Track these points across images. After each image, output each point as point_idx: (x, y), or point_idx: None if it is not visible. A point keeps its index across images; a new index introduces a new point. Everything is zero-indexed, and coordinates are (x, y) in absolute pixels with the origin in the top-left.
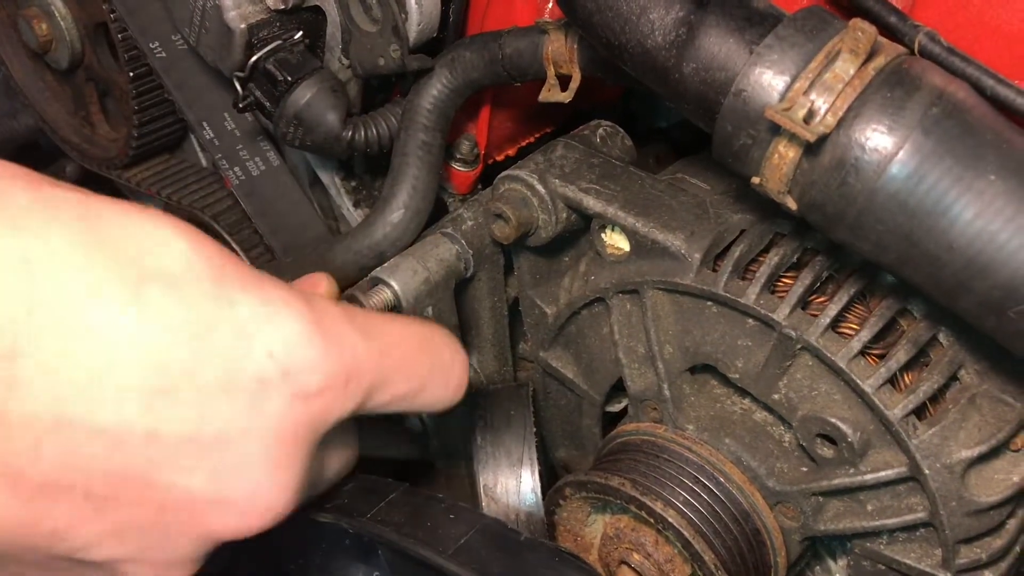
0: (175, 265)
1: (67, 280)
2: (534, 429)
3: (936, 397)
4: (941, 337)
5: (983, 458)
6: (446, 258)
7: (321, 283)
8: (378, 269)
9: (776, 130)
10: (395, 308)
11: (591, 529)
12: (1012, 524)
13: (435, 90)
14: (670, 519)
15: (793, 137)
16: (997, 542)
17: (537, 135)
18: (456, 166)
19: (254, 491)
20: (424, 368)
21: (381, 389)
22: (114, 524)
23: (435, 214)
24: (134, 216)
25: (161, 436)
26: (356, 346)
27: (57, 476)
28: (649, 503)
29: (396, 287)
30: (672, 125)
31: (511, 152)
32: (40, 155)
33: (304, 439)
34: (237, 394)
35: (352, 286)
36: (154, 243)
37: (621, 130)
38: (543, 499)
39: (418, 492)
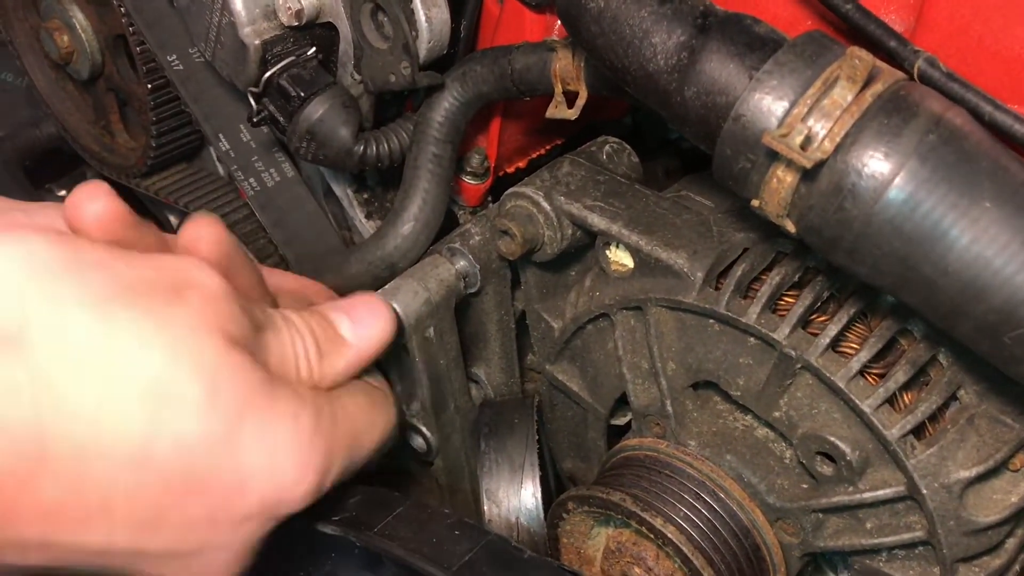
0: (191, 399)
1: (78, 419)
2: (537, 438)
3: (935, 417)
4: (941, 357)
5: (981, 478)
6: (446, 278)
7: (381, 321)
8: (379, 291)
9: (774, 155)
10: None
11: (594, 542)
12: (1011, 543)
13: (446, 104)
14: (670, 535)
15: (791, 163)
16: (996, 561)
17: (547, 147)
18: (466, 179)
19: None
20: (373, 454)
21: (341, 476)
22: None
23: (446, 226)
24: (157, 340)
25: (143, 552)
26: (340, 469)
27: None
28: (649, 519)
29: (397, 308)
30: (681, 136)
31: (521, 164)
32: (62, 162)
33: (264, 536)
34: (222, 527)
35: None
36: (172, 381)
37: (627, 147)
38: (548, 509)
39: (425, 506)
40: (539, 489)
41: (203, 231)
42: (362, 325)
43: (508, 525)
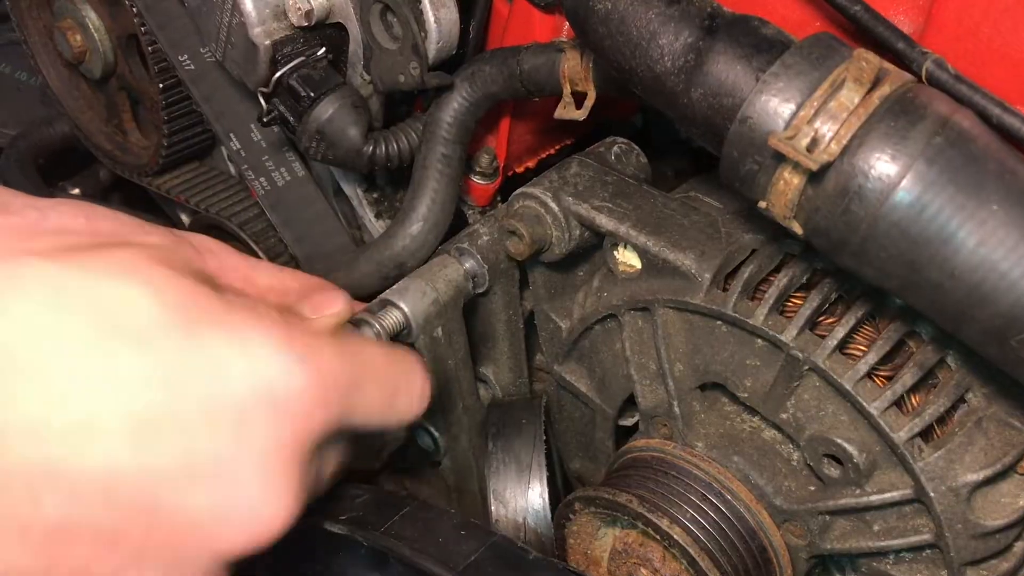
0: (143, 318)
1: (41, 344)
2: (544, 438)
3: (943, 420)
4: (949, 360)
5: (989, 481)
6: (454, 279)
7: (335, 304)
8: (388, 291)
9: (781, 157)
10: (404, 329)
11: (601, 543)
12: (1019, 547)
13: (455, 104)
14: (676, 536)
15: (797, 165)
16: (1004, 565)
17: (557, 147)
18: (476, 179)
19: (254, 508)
20: (392, 379)
21: (358, 397)
22: (130, 555)
23: (455, 226)
24: (101, 277)
25: (154, 470)
26: (331, 360)
27: (62, 521)
28: (655, 520)
29: (405, 309)
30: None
31: (531, 164)
32: (76, 160)
33: (295, 453)
34: (220, 424)
35: (378, 294)
36: (122, 301)
37: (636, 147)
38: (555, 509)
39: (431, 507)
40: (546, 490)
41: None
42: (321, 307)
43: (515, 526)
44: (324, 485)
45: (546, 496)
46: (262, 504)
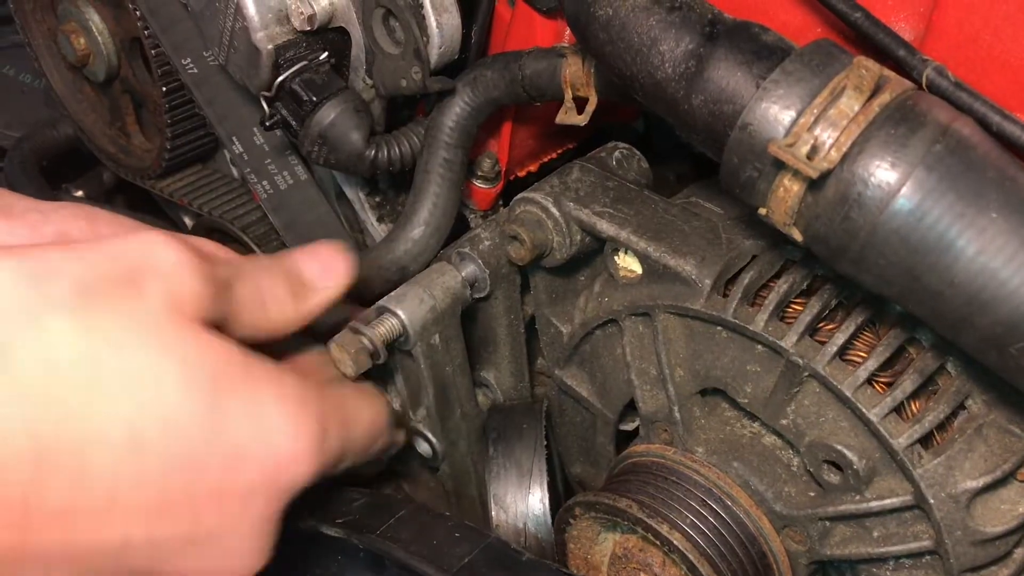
0: (169, 384)
1: (72, 426)
2: (545, 443)
3: (943, 426)
4: (949, 366)
5: (989, 488)
6: (452, 286)
7: (343, 270)
8: (385, 299)
9: (781, 164)
10: (402, 336)
11: (601, 547)
12: (1019, 553)
13: (457, 108)
14: (676, 542)
15: (797, 172)
16: (1003, 572)
17: (559, 151)
18: (477, 183)
19: (238, 564)
20: (370, 440)
21: (339, 465)
22: None
23: (457, 230)
24: (125, 344)
25: (160, 542)
26: (333, 441)
27: None
28: (655, 525)
29: (403, 316)
30: None
31: (533, 168)
32: (79, 163)
33: (279, 513)
34: (229, 504)
35: (379, 298)
36: (146, 365)
37: (637, 152)
38: (556, 513)
39: (426, 509)
40: (547, 495)
41: None
42: (330, 272)
43: (515, 531)
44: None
45: (547, 501)
46: (245, 560)
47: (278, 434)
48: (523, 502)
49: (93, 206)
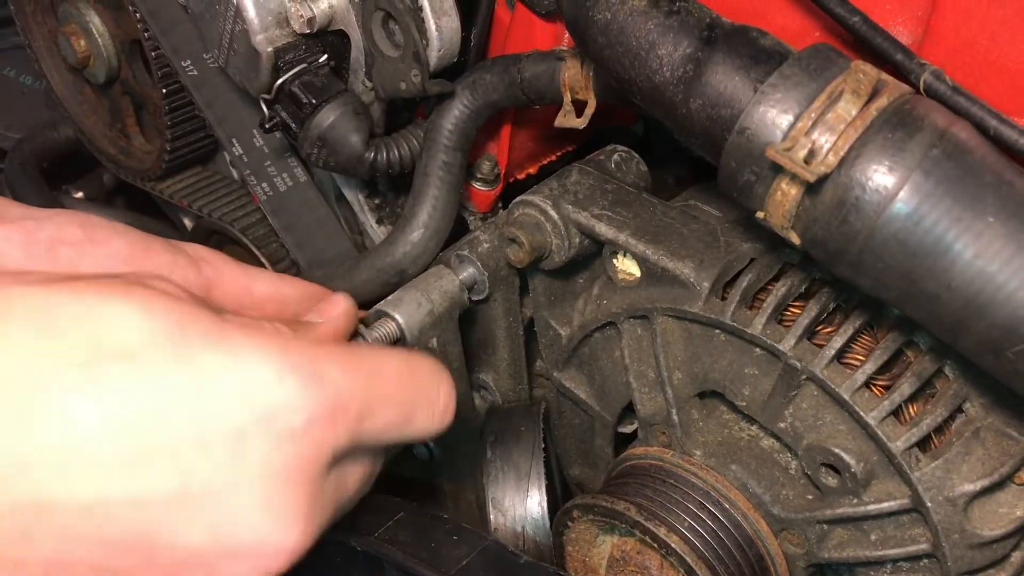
0: (131, 337)
1: (26, 371)
2: (543, 446)
3: (940, 429)
4: (947, 370)
5: (986, 491)
6: (450, 290)
7: (338, 305)
8: (382, 302)
9: (778, 168)
10: (399, 340)
11: (599, 550)
12: (1017, 557)
13: (456, 111)
14: (673, 545)
15: (795, 176)
16: (1001, 575)
17: (558, 154)
18: (477, 185)
19: (259, 537)
20: (409, 394)
21: (370, 417)
22: None
23: (456, 232)
24: (88, 297)
25: (146, 500)
26: (337, 379)
27: (58, 556)
28: (653, 528)
29: (400, 320)
30: None
31: (532, 171)
32: (79, 164)
33: (302, 476)
34: (214, 447)
35: (377, 301)
36: (109, 321)
37: (636, 155)
38: (553, 515)
39: (424, 512)
40: (545, 498)
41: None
42: (326, 310)
43: (514, 534)
44: (350, 501)
45: (545, 505)
46: (266, 532)
47: (252, 367)
48: (521, 505)
49: (87, 213)
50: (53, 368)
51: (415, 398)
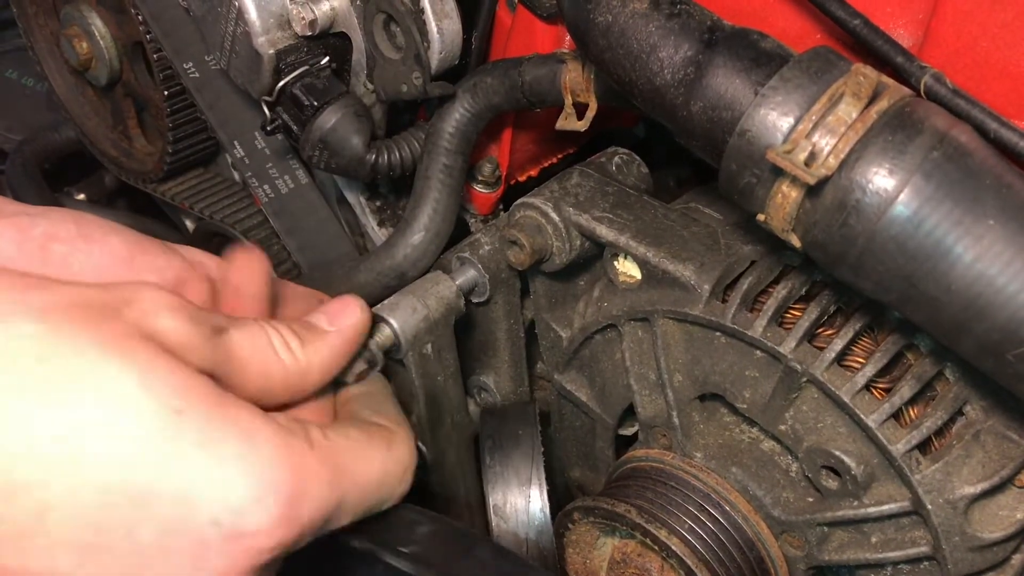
0: (123, 406)
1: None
2: (542, 449)
3: (941, 432)
4: (947, 372)
5: (987, 494)
6: (446, 295)
7: (353, 314)
8: (378, 306)
9: (779, 171)
10: (394, 345)
11: (600, 552)
12: (1017, 559)
13: (457, 115)
14: (674, 547)
15: (795, 178)
16: None
17: (559, 156)
18: (478, 187)
19: None
20: (380, 496)
21: (336, 522)
22: None
23: (457, 234)
24: (89, 351)
25: None
26: (317, 498)
27: None
28: (654, 531)
29: (395, 325)
30: None
31: (533, 173)
32: (81, 166)
33: (253, 574)
34: (176, 552)
35: (375, 304)
36: (104, 380)
37: (637, 158)
38: (552, 518)
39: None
40: (548, 504)
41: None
42: (338, 316)
43: (516, 541)
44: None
45: (548, 511)
46: None
47: (238, 478)
48: (524, 512)
49: (83, 211)
50: (28, 431)
51: (383, 497)
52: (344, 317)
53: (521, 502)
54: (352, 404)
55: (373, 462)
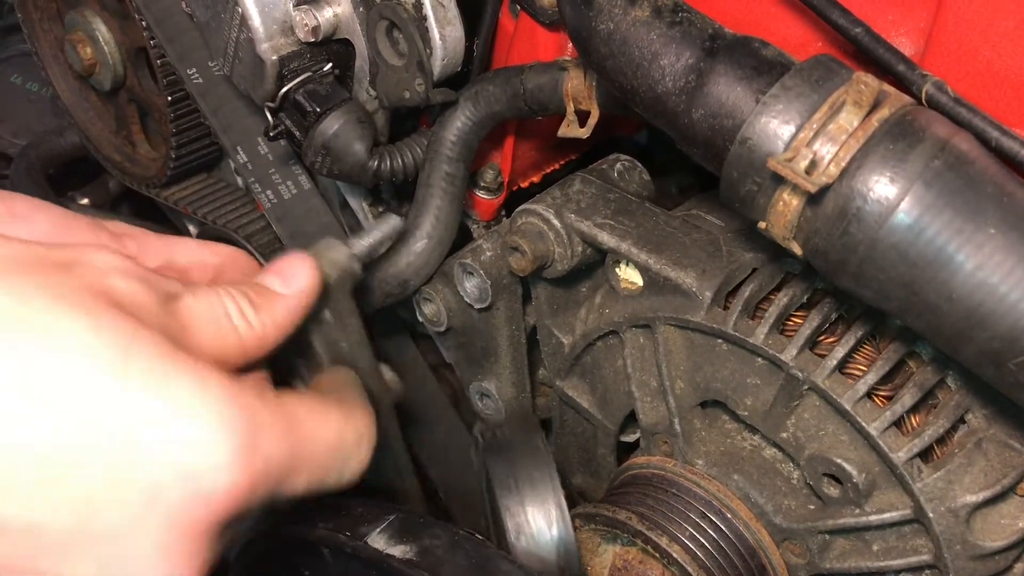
0: (73, 349)
1: None
2: (554, 465)
3: (943, 440)
4: (949, 380)
5: (989, 502)
6: (339, 260)
7: (306, 277)
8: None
9: (780, 179)
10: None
11: (601, 559)
12: (1019, 568)
13: (459, 122)
14: (675, 554)
15: (796, 186)
16: None
17: (562, 162)
18: (480, 194)
19: None
20: (335, 464)
21: (290, 483)
22: None
23: (459, 240)
24: (34, 297)
25: (43, 530)
26: (271, 448)
27: None
28: (655, 538)
29: None
30: None
31: (536, 179)
32: (85, 171)
33: (206, 529)
34: (128, 492)
35: (380, 312)
36: (53, 324)
37: (639, 164)
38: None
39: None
40: (569, 521)
41: None
42: (292, 278)
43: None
44: (234, 542)
45: (571, 527)
46: None
47: (188, 428)
48: (546, 530)
49: (9, 191)
50: None
51: (339, 466)
52: (298, 279)
53: (542, 521)
54: (315, 386)
55: (329, 424)
